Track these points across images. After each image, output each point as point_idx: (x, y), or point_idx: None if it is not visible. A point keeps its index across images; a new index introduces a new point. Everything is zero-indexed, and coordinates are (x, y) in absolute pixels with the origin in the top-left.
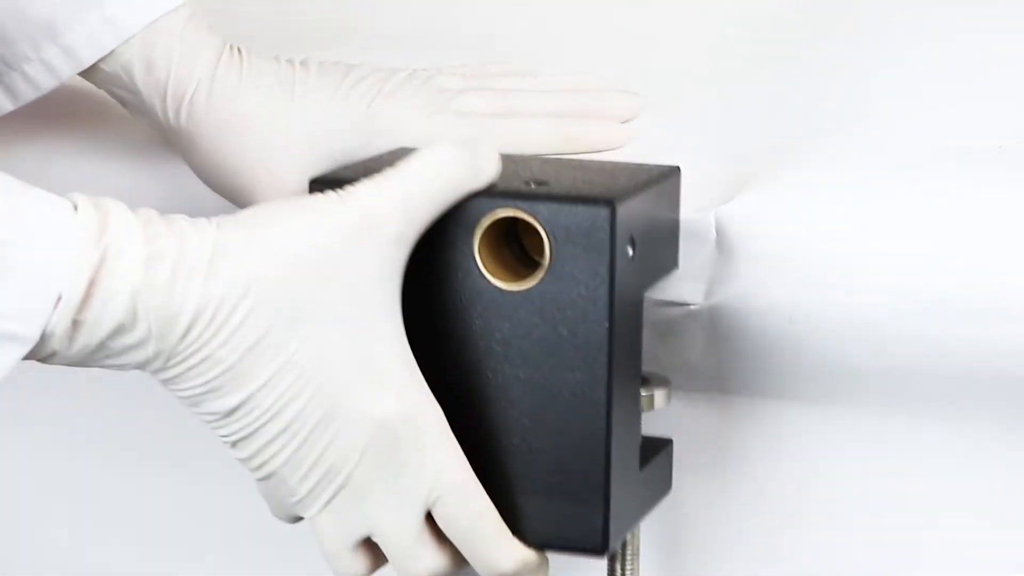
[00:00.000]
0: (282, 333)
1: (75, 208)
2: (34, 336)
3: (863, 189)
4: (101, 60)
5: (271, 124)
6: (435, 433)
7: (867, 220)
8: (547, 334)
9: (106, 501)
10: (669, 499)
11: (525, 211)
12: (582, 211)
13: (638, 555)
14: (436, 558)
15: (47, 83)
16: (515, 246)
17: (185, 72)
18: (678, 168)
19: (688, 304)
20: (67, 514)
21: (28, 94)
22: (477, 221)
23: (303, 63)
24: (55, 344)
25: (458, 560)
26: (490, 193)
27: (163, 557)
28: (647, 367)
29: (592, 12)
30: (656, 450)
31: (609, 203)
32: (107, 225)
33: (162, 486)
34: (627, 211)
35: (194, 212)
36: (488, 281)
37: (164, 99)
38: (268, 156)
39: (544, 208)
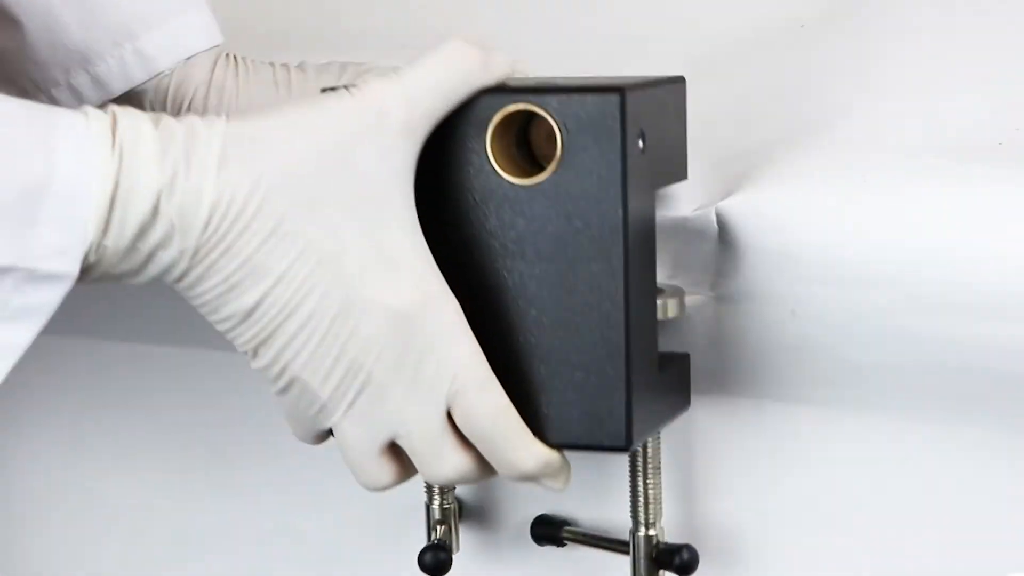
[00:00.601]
0: (297, 222)
1: (87, 117)
2: (74, 271)
3: (862, 183)
4: None
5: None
6: (453, 325)
7: (866, 214)
8: (561, 228)
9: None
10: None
11: (536, 104)
12: (592, 100)
13: (660, 495)
14: (462, 459)
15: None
16: (525, 147)
17: (183, 79)
18: (682, 78)
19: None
20: (69, 518)
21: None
22: (488, 117)
23: (300, 66)
24: (89, 257)
25: (483, 464)
26: (500, 90)
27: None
28: None
29: (589, 9)
30: (674, 362)
31: (619, 90)
32: (118, 127)
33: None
34: (636, 101)
35: None
36: (501, 177)
37: (164, 107)
38: None
39: (554, 100)
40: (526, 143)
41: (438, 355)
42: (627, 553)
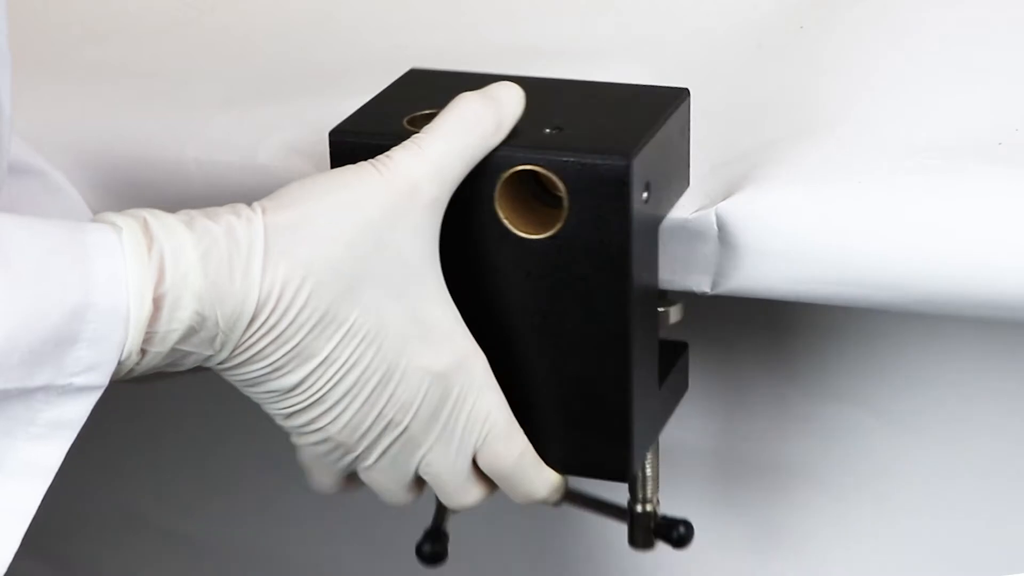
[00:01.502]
0: (341, 306)
1: (120, 232)
2: (104, 383)
3: (862, 184)
4: None
5: None
6: (483, 379)
7: (866, 215)
8: (568, 275)
9: None
10: None
11: (543, 166)
12: (600, 165)
13: (657, 473)
14: (481, 491)
15: None
16: (531, 183)
17: None
18: (687, 91)
19: (696, 292)
20: None
21: None
22: (497, 174)
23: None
24: (129, 365)
25: (496, 489)
26: (508, 143)
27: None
28: None
29: (591, 10)
30: (673, 358)
31: (625, 155)
32: (153, 237)
33: None
34: (642, 160)
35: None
36: (508, 230)
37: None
38: None
39: (561, 162)
40: (531, 176)
41: (468, 408)
42: (624, 520)
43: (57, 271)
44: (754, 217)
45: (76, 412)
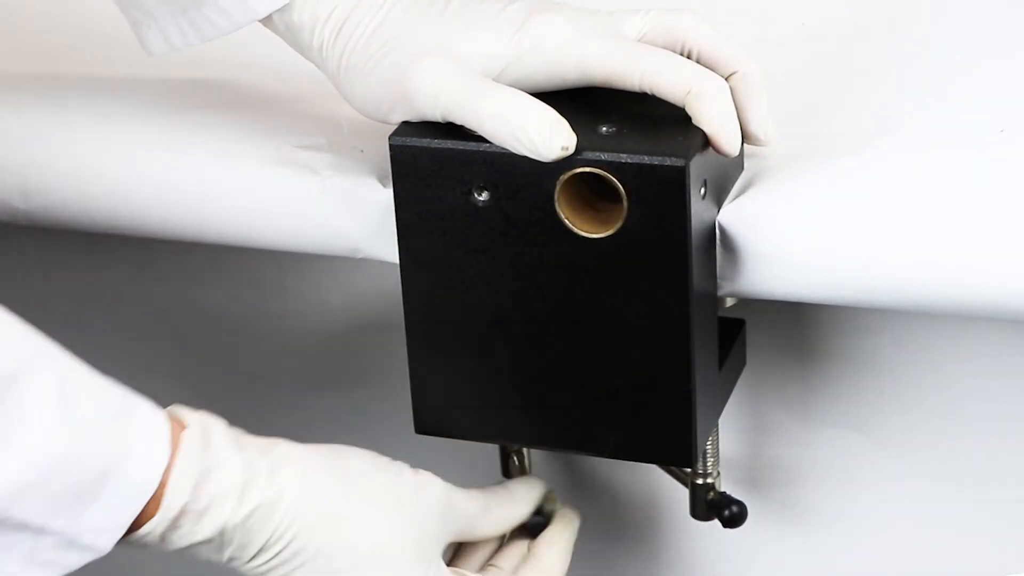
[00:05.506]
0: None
1: (170, 428)
2: (107, 550)
3: (862, 188)
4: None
5: (418, 35)
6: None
7: (866, 218)
8: (628, 271)
9: None
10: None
11: (603, 168)
12: (659, 166)
13: (717, 449)
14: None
15: (226, 27)
16: (589, 181)
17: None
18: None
19: None
20: None
21: (210, 33)
22: (557, 175)
23: None
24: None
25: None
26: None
27: None
28: None
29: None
30: (730, 336)
31: (683, 155)
32: (212, 457)
33: None
34: (699, 159)
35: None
36: (569, 229)
37: (321, 34)
38: (415, 67)
39: (620, 164)
40: (590, 177)
41: None
42: (686, 485)
43: (107, 434)
44: (755, 222)
45: (72, 562)
